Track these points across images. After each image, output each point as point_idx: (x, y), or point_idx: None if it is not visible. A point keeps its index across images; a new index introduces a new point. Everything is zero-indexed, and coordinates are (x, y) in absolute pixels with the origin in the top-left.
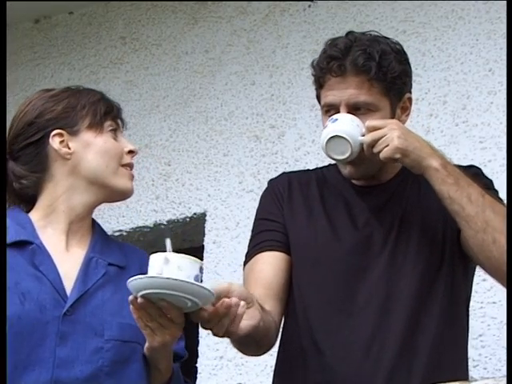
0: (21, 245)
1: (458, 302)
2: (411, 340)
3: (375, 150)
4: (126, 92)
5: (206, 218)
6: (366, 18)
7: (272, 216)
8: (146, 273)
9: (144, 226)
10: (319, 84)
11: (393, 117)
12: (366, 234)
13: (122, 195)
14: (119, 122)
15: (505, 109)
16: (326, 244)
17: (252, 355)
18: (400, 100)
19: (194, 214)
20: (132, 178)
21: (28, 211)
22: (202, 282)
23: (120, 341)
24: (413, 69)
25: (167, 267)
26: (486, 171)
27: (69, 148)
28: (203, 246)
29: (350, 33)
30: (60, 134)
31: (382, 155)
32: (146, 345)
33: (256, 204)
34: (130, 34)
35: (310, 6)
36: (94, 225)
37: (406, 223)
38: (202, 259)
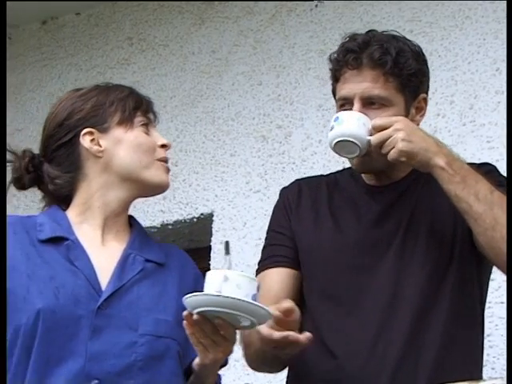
0: (56, 241)
1: (469, 301)
2: (417, 339)
3: (382, 151)
4: None
5: (213, 218)
6: (372, 18)
7: (281, 229)
8: (196, 283)
9: (151, 227)
10: (335, 78)
11: (407, 115)
12: (373, 233)
13: (157, 189)
14: (150, 116)
15: None
16: (332, 245)
17: (264, 372)
18: (415, 99)
19: (201, 214)
20: (167, 171)
21: (65, 210)
22: (258, 301)
23: (154, 336)
24: None
25: (226, 285)
26: None
27: (100, 146)
28: (210, 246)
29: (370, 31)
30: (90, 133)
31: (388, 157)
32: (197, 361)
33: (263, 204)
34: (137, 35)
35: (316, 6)
36: (133, 223)
37: (415, 222)
38: (209, 259)
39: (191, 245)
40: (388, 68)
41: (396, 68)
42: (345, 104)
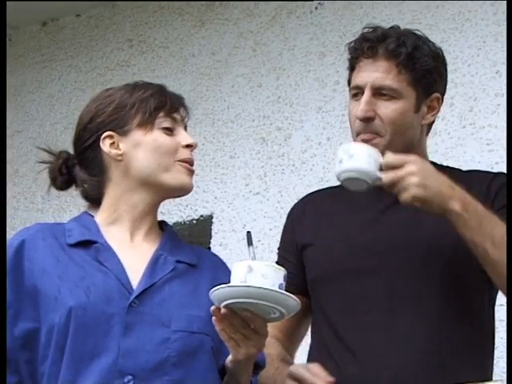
0: (85, 244)
1: (471, 303)
2: (416, 340)
3: (394, 191)
4: None
5: (213, 220)
6: (372, 20)
7: (286, 253)
8: (225, 281)
9: None
10: (351, 66)
11: (417, 111)
12: (373, 234)
13: (179, 191)
14: (177, 115)
15: None
16: (332, 252)
17: None
18: (427, 96)
19: (201, 216)
20: (190, 172)
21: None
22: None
23: (188, 332)
24: None
25: (251, 275)
26: None
27: (119, 149)
28: (210, 248)
29: (392, 26)
30: (110, 136)
31: (400, 199)
32: (230, 358)
33: (262, 206)
34: (137, 37)
35: (316, 8)
36: (165, 227)
37: (417, 223)
38: None
39: None
40: (401, 59)
41: (410, 61)
42: (358, 94)
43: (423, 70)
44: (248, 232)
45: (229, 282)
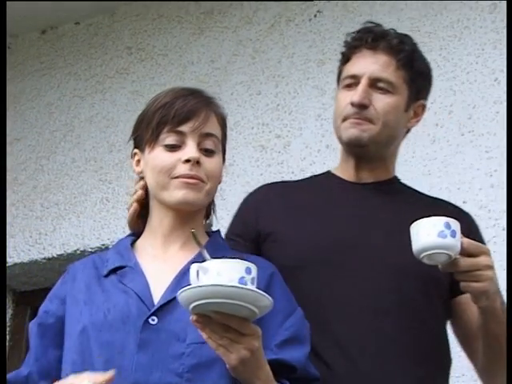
0: (116, 270)
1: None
2: (398, 340)
3: (461, 277)
4: (131, 102)
5: (212, 227)
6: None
7: (242, 239)
8: (269, 284)
9: None
10: (347, 58)
11: (406, 110)
12: (356, 231)
13: (181, 206)
14: (183, 128)
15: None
16: (313, 243)
17: None
18: (416, 100)
19: None
20: (187, 185)
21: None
22: (253, 283)
23: (200, 343)
24: None
25: (206, 276)
26: (492, 181)
27: (140, 167)
28: None
29: (392, 28)
30: (135, 154)
31: (466, 288)
32: (228, 366)
33: None
34: (136, 44)
35: (315, 16)
36: (212, 235)
37: (402, 226)
38: None
39: None
40: (402, 57)
41: (409, 60)
42: (352, 85)
43: (419, 72)
44: (192, 232)
45: (268, 280)
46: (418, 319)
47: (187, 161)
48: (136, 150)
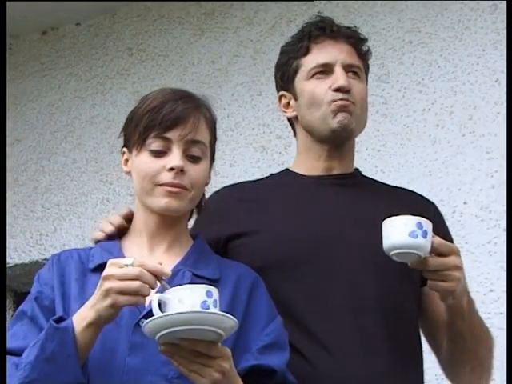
0: (104, 266)
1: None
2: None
3: (431, 276)
4: (132, 103)
5: None
6: (372, 29)
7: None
8: (253, 289)
9: None
10: (306, 50)
11: (364, 97)
12: (332, 225)
13: (162, 212)
14: (170, 134)
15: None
16: (293, 239)
17: None
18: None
19: None
20: (170, 194)
21: None
22: (215, 306)
23: None
24: (419, 79)
25: (168, 306)
26: (493, 182)
27: (127, 166)
28: None
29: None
30: (124, 153)
31: (434, 287)
32: None
33: None
34: (137, 45)
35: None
36: (196, 239)
37: (368, 217)
38: None
39: None
40: (359, 46)
41: (364, 49)
42: (323, 72)
43: (367, 61)
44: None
45: (251, 286)
46: (398, 314)
47: (171, 169)
48: (125, 149)
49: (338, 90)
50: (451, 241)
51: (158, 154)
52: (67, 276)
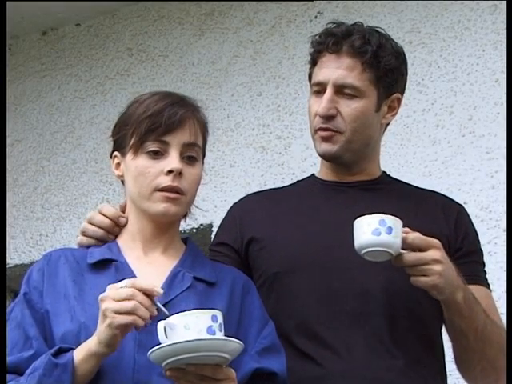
0: (105, 264)
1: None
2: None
3: (411, 271)
4: None
5: (213, 228)
6: None
7: (225, 249)
8: (245, 293)
9: None
10: (313, 61)
11: (378, 110)
12: (333, 237)
13: (159, 218)
14: (169, 138)
15: None
16: (307, 245)
17: None
18: (388, 96)
19: (201, 225)
20: (169, 199)
21: None
22: (221, 330)
23: None
24: (419, 79)
25: (174, 332)
26: (493, 182)
27: (120, 170)
28: None
29: (355, 22)
30: (115, 156)
31: (415, 282)
32: None
33: None
34: (137, 46)
35: (316, 17)
36: (189, 243)
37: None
38: None
39: None
40: (367, 58)
41: (374, 60)
42: (320, 91)
43: (386, 69)
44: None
45: (243, 291)
46: (408, 318)
47: (169, 172)
48: (116, 153)
49: (319, 116)
50: (475, 242)
51: (155, 155)
52: (61, 276)
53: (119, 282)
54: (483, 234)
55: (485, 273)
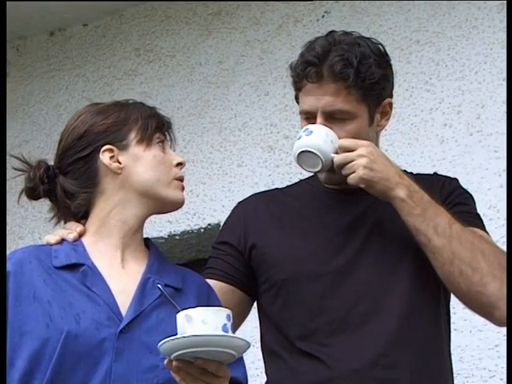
0: (72, 267)
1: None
2: (400, 347)
3: (343, 172)
4: None
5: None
6: (379, 29)
7: (227, 248)
8: (209, 301)
9: (158, 237)
10: (296, 87)
11: (371, 123)
12: (342, 240)
13: (173, 206)
14: (168, 135)
15: None
16: (301, 255)
17: None
18: (379, 105)
19: (209, 224)
20: (183, 189)
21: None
22: (232, 329)
23: None
24: (427, 78)
25: (191, 324)
26: (501, 181)
27: (119, 163)
28: None
29: (329, 33)
30: (110, 150)
31: (348, 181)
32: None
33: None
34: (144, 46)
35: (323, 17)
36: (150, 245)
37: (380, 231)
38: None
39: (198, 255)
40: (350, 81)
41: (358, 79)
42: (309, 118)
43: (371, 83)
44: (158, 288)
45: (208, 298)
46: (413, 321)
47: (179, 164)
48: (110, 147)
49: None
50: (471, 211)
51: (163, 149)
52: (28, 276)
53: (86, 287)
54: (491, 232)
55: (480, 220)
